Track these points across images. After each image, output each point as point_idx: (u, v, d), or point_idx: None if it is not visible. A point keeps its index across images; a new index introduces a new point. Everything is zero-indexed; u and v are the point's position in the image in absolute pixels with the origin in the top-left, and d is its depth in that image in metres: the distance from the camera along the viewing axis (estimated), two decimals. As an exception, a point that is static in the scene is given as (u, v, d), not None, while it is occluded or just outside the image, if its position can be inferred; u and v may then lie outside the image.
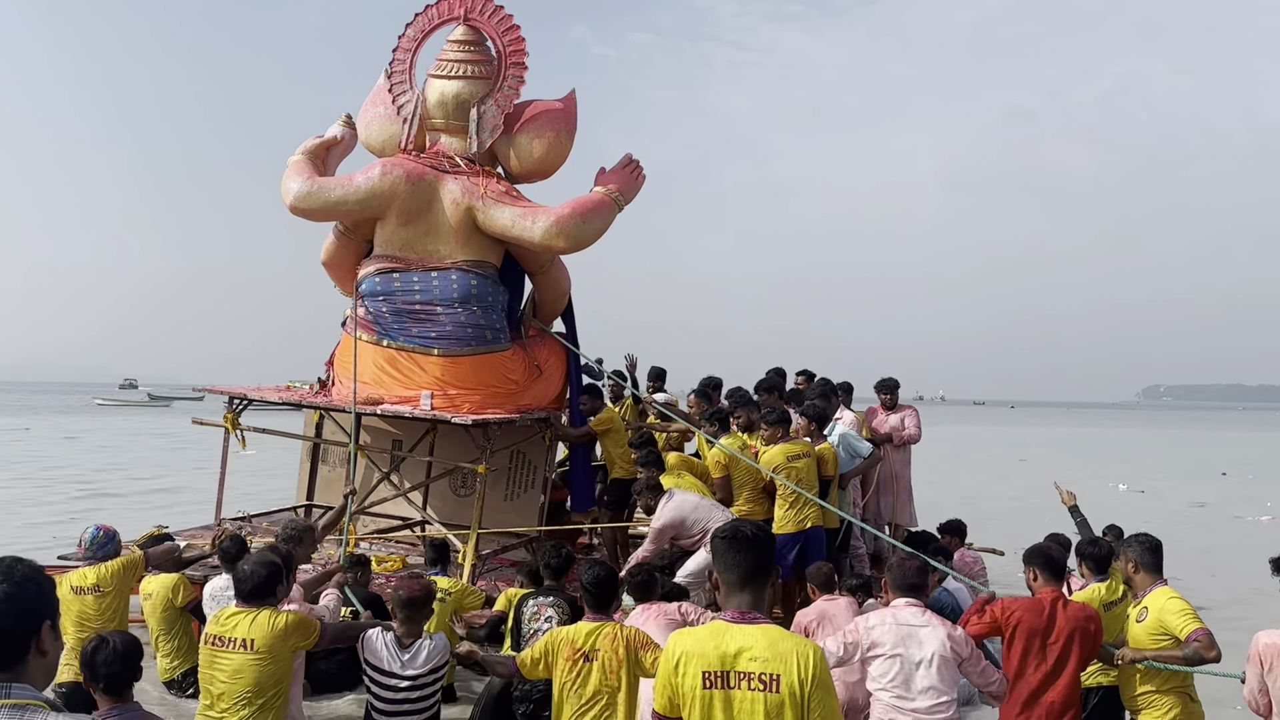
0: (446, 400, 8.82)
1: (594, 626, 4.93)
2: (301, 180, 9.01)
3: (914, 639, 4.65)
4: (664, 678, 3.10)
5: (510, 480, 9.60)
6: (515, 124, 9.28)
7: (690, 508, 7.52)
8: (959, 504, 15.40)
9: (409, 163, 9.06)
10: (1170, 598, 5.30)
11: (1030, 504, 19.19)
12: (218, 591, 6.77)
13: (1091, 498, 21.52)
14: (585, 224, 8.95)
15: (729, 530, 3.18)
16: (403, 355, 8.99)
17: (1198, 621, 5.12)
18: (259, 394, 9.30)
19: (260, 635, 4.65)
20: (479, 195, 8.95)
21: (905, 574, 4.90)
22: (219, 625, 4.73)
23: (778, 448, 8.17)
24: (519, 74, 9.30)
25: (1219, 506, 22.14)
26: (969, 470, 27.79)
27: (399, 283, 9.02)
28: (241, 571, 4.82)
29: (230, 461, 9.29)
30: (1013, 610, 5.06)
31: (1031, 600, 5.12)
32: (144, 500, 18.20)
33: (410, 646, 5.14)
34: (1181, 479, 28.94)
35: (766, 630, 3.05)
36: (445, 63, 9.34)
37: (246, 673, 4.62)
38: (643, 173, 9.57)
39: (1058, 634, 4.96)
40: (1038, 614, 5.02)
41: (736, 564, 3.11)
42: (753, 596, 3.11)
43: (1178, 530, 17.48)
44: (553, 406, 9.53)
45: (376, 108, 9.58)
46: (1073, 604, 5.15)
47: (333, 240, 9.56)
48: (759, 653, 2.99)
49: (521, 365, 9.26)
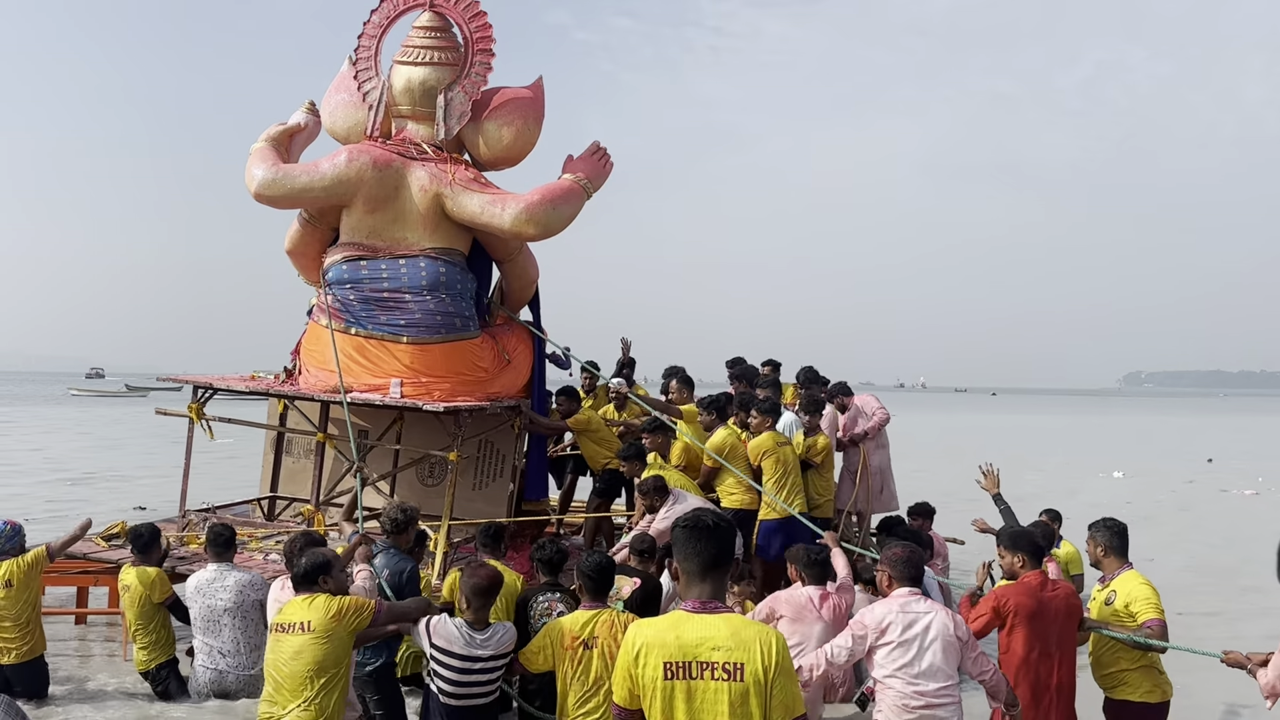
0: (417, 388, 9.09)
1: (591, 614, 5.18)
2: (266, 167, 9.17)
3: (918, 625, 4.86)
4: (623, 669, 3.14)
5: (479, 469, 9.85)
6: (483, 111, 9.55)
7: (695, 508, 7.72)
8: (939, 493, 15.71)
9: (376, 149, 9.28)
10: (1139, 583, 5.55)
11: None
12: (204, 585, 6.94)
13: (1081, 484, 21.95)
14: (555, 211, 9.19)
15: (690, 519, 3.25)
16: (371, 343, 9.22)
17: (1157, 612, 5.40)
18: (224, 383, 9.41)
19: (317, 616, 5.04)
20: (447, 182, 9.19)
21: (906, 563, 5.07)
22: (281, 615, 5.17)
23: (767, 433, 8.58)
24: (486, 60, 9.53)
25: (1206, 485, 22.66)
26: (950, 459, 28.15)
27: (366, 270, 9.21)
28: (296, 564, 5.33)
29: (209, 451, 9.38)
30: (1008, 597, 5.29)
31: (1021, 585, 5.36)
32: (112, 489, 18.25)
33: (486, 630, 5.34)
34: (1169, 464, 29.47)
35: (728, 619, 3.11)
36: (411, 49, 9.58)
37: (306, 652, 4.98)
38: (610, 160, 9.84)
39: (1054, 614, 5.22)
40: (1033, 598, 5.27)
41: (697, 553, 3.16)
42: (713, 586, 3.16)
43: (1169, 510, 17.94)
44: (521, 395, 9.74)
45: (340, 94, 9.80)
46: (1059, 584, 5.43)
47: (297, 228, 9.78)
48: (721, 642, 3.03)
49: (490, 353, 9.52)
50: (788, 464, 8.57)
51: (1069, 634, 5.32)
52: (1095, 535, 5.76)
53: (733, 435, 8.82)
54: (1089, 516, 6.31)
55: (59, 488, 18.70)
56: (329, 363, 9.24)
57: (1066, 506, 14.90)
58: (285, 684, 4.99)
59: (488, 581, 5.39)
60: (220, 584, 6.91)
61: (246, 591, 6.92)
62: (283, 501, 10.28)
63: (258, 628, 6.93)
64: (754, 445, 8.56)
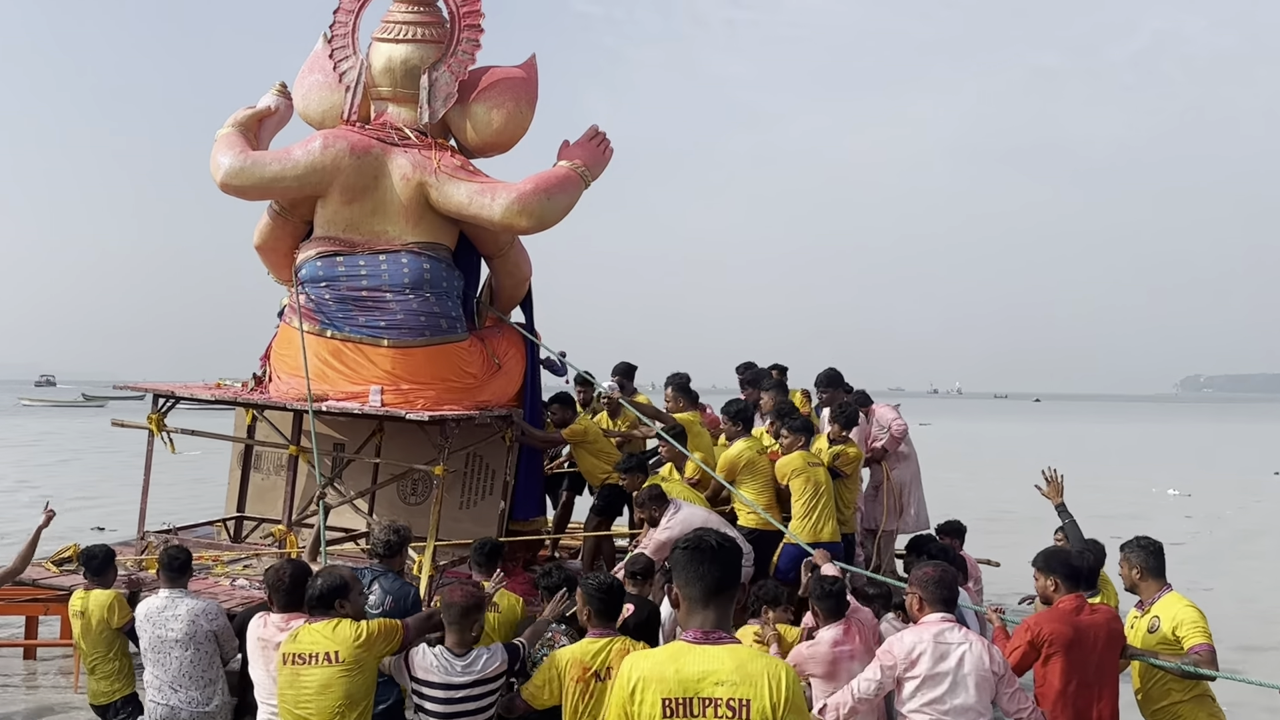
0: (398, 395, 8.47)
1: (603, 643, 4.76)
2: (233, 155, 8.59)
3: (952, 658, 4.57)
4: (618, 706, 2.97)
5: (466, 486, 9.24)
6: (471, 92, 8.96)
7: (700, 520, 7.29)
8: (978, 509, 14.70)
9: (353, 135, 8.70)
10: (1184, 606, 5.31)
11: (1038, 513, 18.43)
12: (154, 613, 6.35)
13: (1130, 503, 20.72)
14: (550, 201, 8.59)
15: (691, 540, 3.05)
16: (349, 347, 8.61)
17: (1205, 636, 5.14)
18: (188, 392, 8.73)
19: (344, 646, 4.82)
20: (431, 170, 8.60)
21: (938, 583, 4.74)
22: (296, 643, 4.88)
23: (798, 452, 8.06)
24: (474, 37, 8.91)
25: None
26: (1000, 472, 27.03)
27: (343, 267, 8.62)
28: (312, 585, 5.06)
29: (171, 467, 8.69)
30: (1042, 626, 4.96)
31: (1056, 611, 5.04)
32: (67, 508, 17.63)
33: (467, 655, 5.04)
34: (1234, 478, 28.01)
35: (734, 651, 2.93)
36: (392, 25, 8.99)
37: (336, 686, 4.79)
38: (610, 145, 9.27)
39: (1094, 641, 4.94)
40: (1068, 624, 4.94)
41: (699, 577, 2.97)
42: (717, 614, 2.98)
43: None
44: (512, 404, 9.03)
45: (314, 75, 9.22)
46: (1099, 608, 5.14)
47: (267, 221, 9.19)
48: (726, 676, 2.86)
49: (479, 358, 8.89)
50: (819, 486, 7.98)
51: (1110, 663, 5.00)
52: (1129, 556, 5.53)
53: (751, 448, 8.07)
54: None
55: (9, 508, 18.04)
56: (302, 368, 8.53)
57: (1116, 529, 13.85)
58: (312, 718, 4.78)
59: (468, 600, 5.09)
60: (171, 612, 6.32)
61: (199, 621, 6.33)
62: (250, 522, 9.62)
63: (212, 660, 6.39)
64: (783, 464, 8.03)
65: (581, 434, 9.19)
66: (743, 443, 8.22)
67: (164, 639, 6.26)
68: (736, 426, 8.44)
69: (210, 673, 6.35)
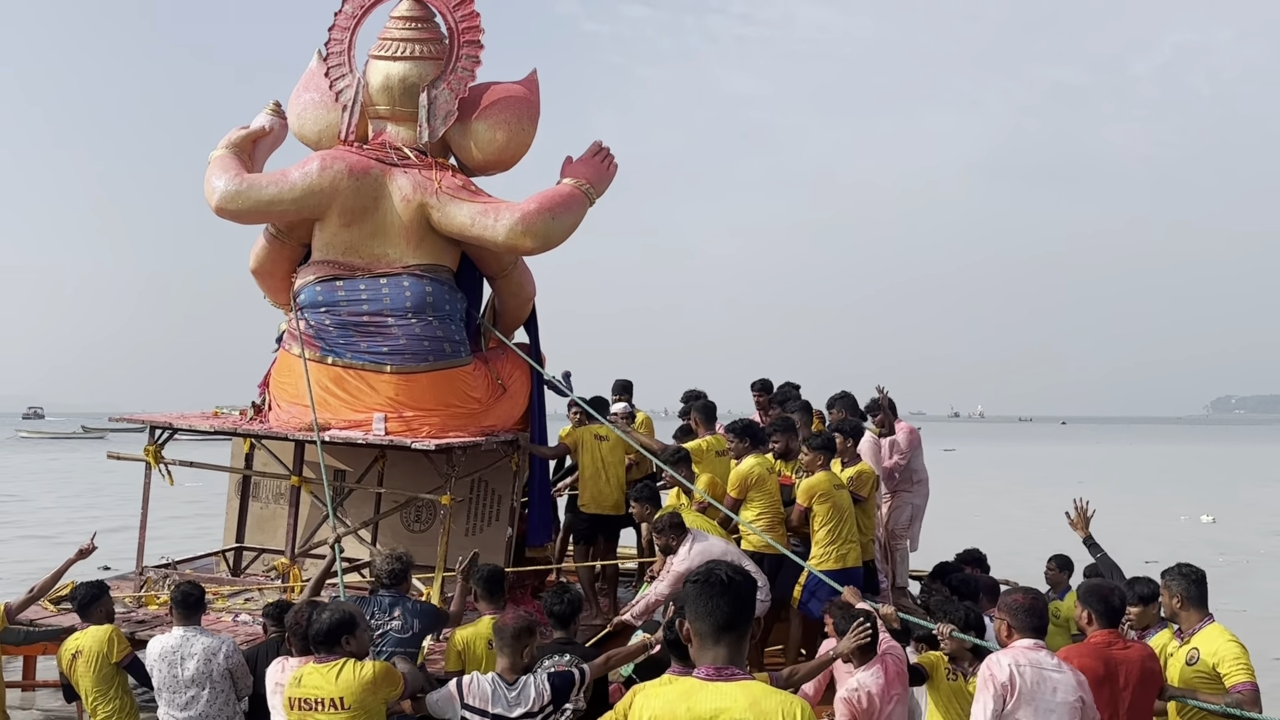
0: (402, 423, 8.40)
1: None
2: (228, 177, 8.55)
3: (1048, 684, 4.42)
4: None
5: (472, 512, 9.15)
6: (472, 110, 8.97)
7: (719, 552, 7.17)
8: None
9: (351, 155, 8.69)
10: (1226, 640, 5.16)
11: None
12: (168, 652, 6.26)
13: (1158, 530, 20.23)
14: (555, 221, 8.56)
15: (702, 574, 3.01)
16: (350, 374, 8.55)
17: (1248, 674, 5.02)
18: (186, 422, 8.58)
19: (348, 691, 4.81)
20: (433, 190, 8.59)
21: (1031, 611, 4.60)
22: (300, 688, 4.86)
23: (822, 473, 7.80)
24: (474, 53, 8.92)
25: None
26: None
27: (343, 291, 8.57)
28: (316, 621, 4.97)
29: (168, 498, 8.54)
30: (1072, 659, 4.75)
31: (1088, 645, 4.88)
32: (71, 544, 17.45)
33: (516, 684, 5.04)
34: (1268, 503, 27.39)
35: (747, 688, 2.88)
36: (389, 42, 8.98)
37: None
38: (614, 161, 9.26)
39: (1125, 679, 4.76)
40: (1100, 660, 4.77)
41: (710, 612, 2.94)
42: (729, 650, 2.94)
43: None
44: (518, 427, 8.88)
45: (310, 93, 9.24)
46: (1133, 644, 4.97)
47: (264, 245, 9.19)
48: (739, 714, 2.82)
49: (484, 381, 8.81)
50: (843, 511, 7.78)
51: (1144, 702, 4.80)
52: (1170, 584, 5.37)
53: (762, 465, 7.84)
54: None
55: (19, 544, 17.80)
56: (302, 397, 8.51)
57: (1146, 554, 13.50)
58: None
59: (519, 624, 5.15)
60: (186, 650, 6.27)
61: (216, 659, 6.28)
62: (250, 552, 9.47)
63: (228, 698, 6.35)
64: (808, 485, 7.77)
65: (575, 440, 9.19)
66: (753, 459, 8.03)
67: (179, 678, 6.21)
68: (744, 443, 8.23)
69: (228, 710, 6.32)
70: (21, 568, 14.92)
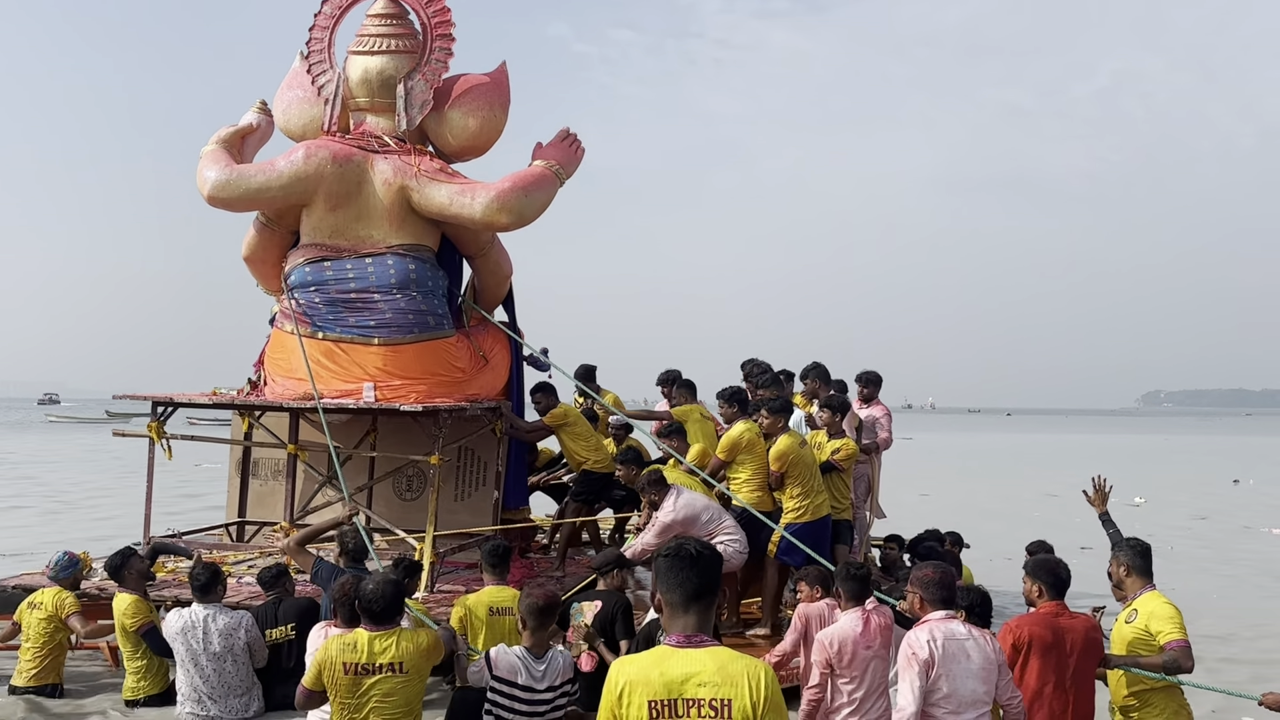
0: (391, 391, 9.07)
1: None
2: (219, 168, 9.16)
3: (963, 653, 4.81)
4: (606, 711, 3.11)
5: (460, 479, 9.84)
6: (446, 99, 9.67)
7: (701, 507, 7.84)
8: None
9: (334, 144, 9.39)
10: (1162, 602, 5.54)
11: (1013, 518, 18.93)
12: (190, 628, 6.82)
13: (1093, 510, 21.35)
14: (528, 198, 9.22)
15: (672, 549, 3.23)
16: (340, 347, 9.20)
17: (1180, 632, 5.37)
18: (187, 398, 9.12)
19: (407, 657, 5.25)
20: (412, 174, 9.23)
21: (939, 586, 4.98)
22: (357, 653, 5.21)
23: (787, 436, 8.40)
24: (446, 45, 9.61)
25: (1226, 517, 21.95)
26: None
27: (331, 271, 9.20)
28: (368, 592, 5.31)
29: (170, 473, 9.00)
30: (1023, 627, 5.23)
31: (1038, 615, 5.31)
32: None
33: (544, 657, 5.40)
34: (1191, 488, 28.76)
35: (715, 653, 3.10)
36: (366, 38, 9.67)
37: (398, 694, 5.24)
38: (581, 146, 9.91)
39: (1071, 646, 5.16)
40: (1048, 628, 5.20)
41: (680, 584, 3.14)
42: (698, 618, 3.14)
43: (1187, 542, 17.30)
44: (500, 397, 9.65)
45: (293, 91, 9.89)
46: (1078, 615, 5.37)
47: (254, 233, 9.81)
48: (708, 677, 3.02)
49: (467, 353, 9.46)
50: (810, 466, 8.45)
51: (1087, 669, 5.24)
52: (1119, 555, 5.79)
53: (751, 429, 8.46)
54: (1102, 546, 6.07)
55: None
56: (296, 370, 9.12)
57: (1079, 537, 14.39)
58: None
59: (546, 600, 5.50)
60: (208, 627, 6.84)
61: (236, 634, 6.90)
62: (251, 526, 10.09)
63: (248, 669, 6.96)
64: (778, 450, 8.30)
65: (562, 417, 9.72)
66: (742, 424, 8.61)
67: (200, 653, 6.80)
68: (732, 408, 8.77)
69: (247, 680, 6.97)
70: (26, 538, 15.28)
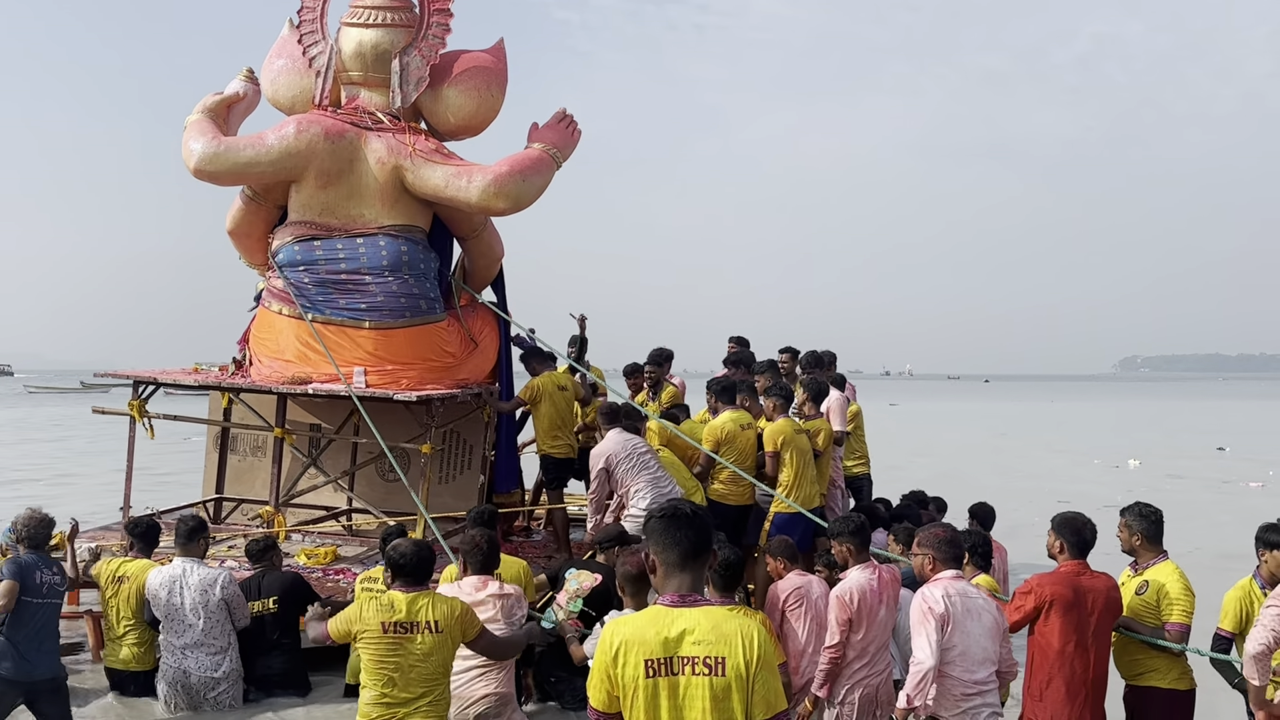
0: (382, 376, 9.13)
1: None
2: (206, 140, 9.10)
3: (974, 611, 4.97)
4: (600, 671, 3.17)
5: (445, 461, 10.06)
6: (443, 77, 9.67)
7: (618, 445, 8.09)
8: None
9: (327, 119, 9.33)
10: (1175, 579, 5.59)
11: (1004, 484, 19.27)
12: (168, 581, 6.97)
13: (1088, 475, 21.64)
14: (525, 183, 9.26)
15: (668, 509, 3.31)
16: (330, 329, 9.23)
17: (1184, 617, 5.47)
18: (170, 378, 9.09)
19: (443, 617, 5.37)
20: (407, 154, 9.26)
21: (952, 543, 5.12)
22: (395, 612, 5.31)
23: (785, 420, 8.58)
24: (444, 20, 9.58)
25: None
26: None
27: (321, 251, 9.23)
28: (400, 553, 5.44)
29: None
30: (1045, 586, 5.31)
31: (1059, 574, 5.39)
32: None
33: None
34: (1176, 453, 29.27)
35: (709, 612, 3.18)
36: (361, 9, 9.66)
37: (436, 654, 5.35)
38: (578, 128, 10.01)
39: (1092, 605, 5.24)
40: (1069, 586, 5.28)
41: (676, 543, 3.21)
42: (693, 577, 3.22)
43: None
44: (488, 380, 9.71)
45: (281, 59, 9.88)
46: (1099, 575, 5.42)
47: (240, 206, 9.81)
48: (702, 635, 3.10)
49: (457, 337, 9.63)
50: (805, 454, 8.60)
51: (1106, 627, 5.34)
52: (1129, 522, 5.79)
53: (736, 420, 8.59)
54: (1097, 508, 6.22)
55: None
56: (283, 352, 9.18)
57: (1066, 500, 14.62)
58: (415, 684, 5.28)
59: (639, 569, 5.63)
60: (184, 581, 6.99)
61: (212, 590, 7.02)
62: (230, 503, 10.21)
63: (223, 627, 7.08)
64: (773, 430, 8.53)
65: (535, 390, 9.64)
66: (727, 414, 8.82)
67: (177, 606, 6.99)
68: (720, 400, 8.83)
69: (221, 640, 7.11)
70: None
